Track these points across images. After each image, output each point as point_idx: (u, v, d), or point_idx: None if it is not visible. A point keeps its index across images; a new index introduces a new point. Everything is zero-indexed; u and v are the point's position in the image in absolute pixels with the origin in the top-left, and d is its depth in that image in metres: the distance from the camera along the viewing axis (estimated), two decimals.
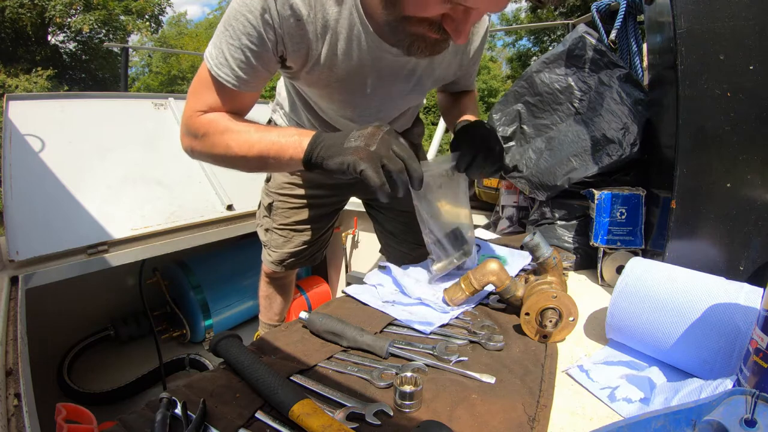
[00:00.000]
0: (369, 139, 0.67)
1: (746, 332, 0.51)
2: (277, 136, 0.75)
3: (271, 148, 0.74)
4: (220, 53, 0.74)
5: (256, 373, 0.54)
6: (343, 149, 0.67)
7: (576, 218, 1.04)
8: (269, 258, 1.31)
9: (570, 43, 1.09)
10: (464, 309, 0.76)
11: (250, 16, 0.69)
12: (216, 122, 0.79)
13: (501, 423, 0.49)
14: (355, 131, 0.69)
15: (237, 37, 0.71)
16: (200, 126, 0.80)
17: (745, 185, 0.69)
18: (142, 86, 18.96)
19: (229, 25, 0.72)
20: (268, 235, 1.30)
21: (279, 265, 1.30)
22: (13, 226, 1.38)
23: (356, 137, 0.68)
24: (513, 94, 1.19)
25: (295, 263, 1.32)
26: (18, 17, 11.55)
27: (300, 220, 1.24)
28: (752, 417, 0.35)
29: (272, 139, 0.75)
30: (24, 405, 0.72)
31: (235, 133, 0.77)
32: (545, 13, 12.82)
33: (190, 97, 0.82)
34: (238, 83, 0.75)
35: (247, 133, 0.77)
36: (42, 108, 1.73)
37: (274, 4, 0.68)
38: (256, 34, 0.71)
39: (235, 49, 0.72)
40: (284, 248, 1.28)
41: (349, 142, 0.68)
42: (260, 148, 0.75)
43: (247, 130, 0.77)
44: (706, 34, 0.69)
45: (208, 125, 0.79)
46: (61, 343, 1.85)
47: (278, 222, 1.25)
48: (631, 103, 0.98)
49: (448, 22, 0.64)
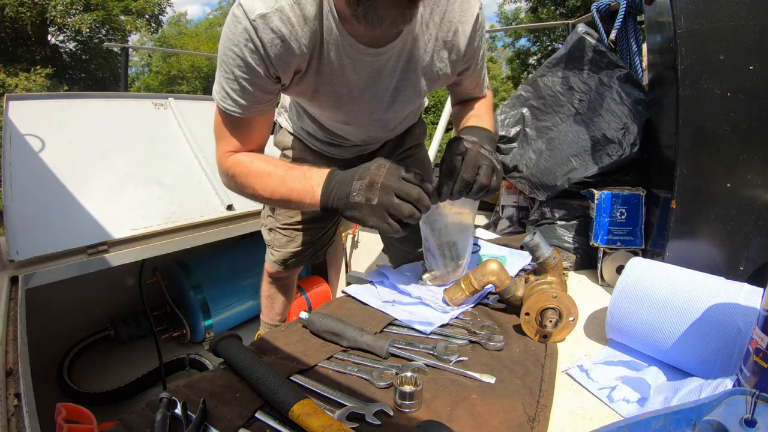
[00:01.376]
0: (369, 192, 0.69)
1: (746, 332, 0.51)
2: (294, 182, 0.79)
3: (291, 196, 0.79)
4: (221, 89, 0.79)
5: (256, 373, 0.54)
6: (351, 204, 0.71)
7: (576, 218, 1.04)
8: (272, 257, 1.32)
9: (571, 45, 1.09)
10: (464, 309, 0.76)
11: (235, 48, 0.72)
12: (240, 165, 0.84)
13: (501, 423, 0.49)
14: (357, 180, 0.71)
15: (230, 71, 0.75)
16: (228, 168, 0.85)
17: (745, 185, 0.69)
18: (142, 86, 18.96)
19: (222, 62, 0.76)
20: (271, 235, 1.31)
21: (282, 265, 1.31)
22: (13, 226, 1.38)
23: (358, 190, 0.71)
24: (519, 98, 1.20)
25: (297, 262, 1.33)
26: (18, 16, 11.55)
27: (302, 219, 1.24)
28: (752, 417, 0.35)
29: (291, 187, 0.79)
30: (24, 405, 0.72)
31: (257, 177, 0.82)
32: (545, 13, 12.84)
33: (216, 141, 0.88)
34: (243, 111, 0.79)
35: (268, 177, 0.81)
36: (42, 108, 1.73)
37: (254, 32, 0.71)
38: (244, 65, 0.74)
39: (232, 81, 0.77)
40: (287, 248, 1.29)
41: (354, 197, 0.71)
42: (282, 194, 0.80)
43: (268, 173, 0.82)
44: (706, 34, 0.69)
45: (234, 167, 0.84)
46: (61, 343, 1.85)
47: (281, 222, 1.26)
48: (631, 103, 0.98)
49: None
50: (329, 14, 0.74)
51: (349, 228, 2.33)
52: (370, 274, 0.89)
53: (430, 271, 0.85)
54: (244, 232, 1.86)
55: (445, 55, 0.88)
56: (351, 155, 1.14)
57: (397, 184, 0.69)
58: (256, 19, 0.70)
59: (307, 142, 1.15)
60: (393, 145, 1.23)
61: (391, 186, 0.69)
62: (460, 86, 1.00)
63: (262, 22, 0.70)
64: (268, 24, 0.70)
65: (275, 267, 1.33)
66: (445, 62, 0.89)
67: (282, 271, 1.33)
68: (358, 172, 0.72)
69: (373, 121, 0.98)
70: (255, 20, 0.70)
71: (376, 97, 0.90)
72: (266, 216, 1.31)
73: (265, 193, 0.82)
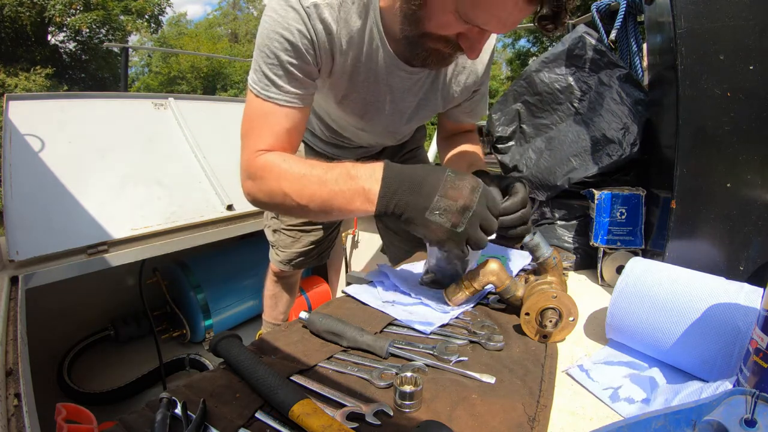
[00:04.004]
0: (457, 217, 0.63)
1: (746, 332, 0.51)
2: (337, 182, 0.69)
3: (335, 200, 0.69)
4: (263, 77, 0.74)
5: (256, 373, 0.54)
6: (428, 221, 0.64)
7: (576, 218, 1.04)
8: (277, 258, 1.33)
9: (570, 42, 1.09)
10: (464, 309, 0.76)
11: (285, 32, 0.71)
12: (270, 165, 0.75)
13: (501, 423, 0.49)
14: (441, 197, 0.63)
15: (275, 56, 0.72)
16: (257, 169, 0.76)
17: (745, 185, 0.69)
18: (142, 86, 18.97)
19: (264, 46, 0.72)
20: (276, 236, 1.31)
21: (287, 265, 1.32)
22: (13, 226, 1.38)
23: (442, 210, 0.63)
24: (512, 94, 1.19)
25: (303, 263, 1.33)
26: (17, 16, 11.55)
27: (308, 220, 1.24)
28: (752, 417, 0.35)
29: (333, 189, 0.69)
30: (24, 405, 0.72)
31: (291, 181, 0.72)
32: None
33: (244, 139, 0.79)
34: (288, 99, 0.75)
35: (304, 179, 0.71)
36: (42, 108, 1.73)
37: (308, 19, 0.70)
38: (293, 49, 0.72)
39: (276, 68, 0.73)
40: (292, 248, 1.29)
41: (434, 215, 0.63)
42: (322, 198, 0.70)
43: (302, 174, 0.71)
44: (706, 34, 0.69)
45: (263, 168, 0.75)
46: (61, 343, 1.85)
47: (286, 223, 1.26)
48: (631, 103, 0.98)
49: (464, 40, 0.68)
50: (374, 26, 0.75)
51: (349, 228, 2.33)
52: (370, 273, 0.89)
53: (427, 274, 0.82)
54: (244, 232, 1.87)
55: (463, 79, 0.93)
56: (354, 156, 1.15)
57: (485, 214, 0.65)
58: (310, 7, 0.70)
59: (310, 143, 1.16)
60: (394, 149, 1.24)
61: (481, 216, 0.64)
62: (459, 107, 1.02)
63: (315, 11, 0.70)
64: (320, 14, 0.71)
65: (280, 267, 1.33)
66: (461, 86, 0.94)
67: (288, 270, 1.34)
68: (443, 185, 0.64)
69: (388, 132, 1.00)
70: (309, 7, 0.70)
71: (399, 111, 0.92)
72: (270, 217, 1.31)
73: (301, 199, 0.71)
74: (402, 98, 0.89)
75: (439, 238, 0.65)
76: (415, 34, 0.69)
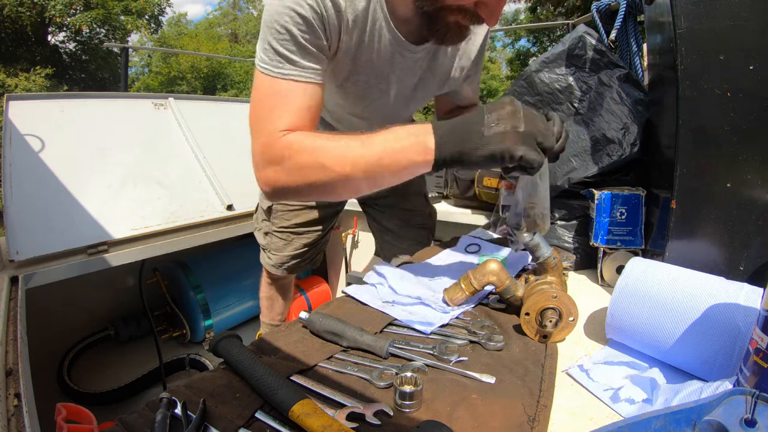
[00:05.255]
0: (512, 120, 0.61)
1: (746, 332, 0.51)
2: (385, 142, 0.65)
3: (384, 158, 0.65)
4: (274, 54, 0.70)
5: (256, 373, 0.54)
6: (487, 138, 0.61)
7: (576, 218, 1.04)
8: (269, 261, 1.31)
9: (570, 42, 1.09)
10: (464, 309, 0.76)
11: (296, 6, 0.69)
12: (299, 142, 0.68)
13: (501, 423, 0.49)
14: (486, 114, 0.62)
15: (286, 31, 0.69)
16: (281, 148, 0.69)
17: (745, 185, 0.69)
18: (142, 86, 18.97)
19: (273, 22, 0.70)
20: (267, 239, 1.29)
21: (279, 268, 1.30)
22: (13, 226, 1.38)
23: (494, 121, 0.62)
24: (512, 94, 1.19)
25: (295, 266, 1.31)
26: (18, 16, 11.55)
27: (301, 222, 1.24)
28: (752, 417, 0.35)
29: (381, 149, 0.65)
30: (24, 405, 0.72)
31: (328, 149, 0.67)
32: (544, 12, 12.83)
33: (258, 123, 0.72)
34: (307, 73, 0.72)
35: (345, 146, 0.66)
36: (42, 108, 1.73)
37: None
38: (305, 24, 0.70)
39: (288, 43, 0.70)
40: (284, 251, 1.27)
41: (490, 129, 0.61)
42: (368, 161, 0.65)
43: (344, 144, 0.67)
44: (706, 34, 0.69)
45: (290, 147, 0.68)
46: (61, 343, 1.85)
47: (278, 225, 1.25)
48: (631, 103, 0.98)
49: (482, 8, 0.69)
50: (378, 5, 0.76)
51: (349, 228, 2.33)
52: (368, 275, 0.88)
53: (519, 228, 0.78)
54: (244, 232, 1.87)
55: (457, 60, 0.96)
56: None
57: (533, 114, 0.63)
58: None
59: None
60: None
61: (533, 114, 0.63)
62: (459, 93, 1.06)
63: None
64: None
65: (273, 270, 1.32)
66: (456, 67, 0.96)
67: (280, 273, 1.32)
68: (485, 109, 0.63)
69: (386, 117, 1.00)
70: None
71: (400, 93, 0.93)
72: (261, 220, 1.30)
73: (344, 167, 0.65)
74: (403, 78, 0.89)
75: (512, 145, 0.61)
76: (434, 8, 0.70)
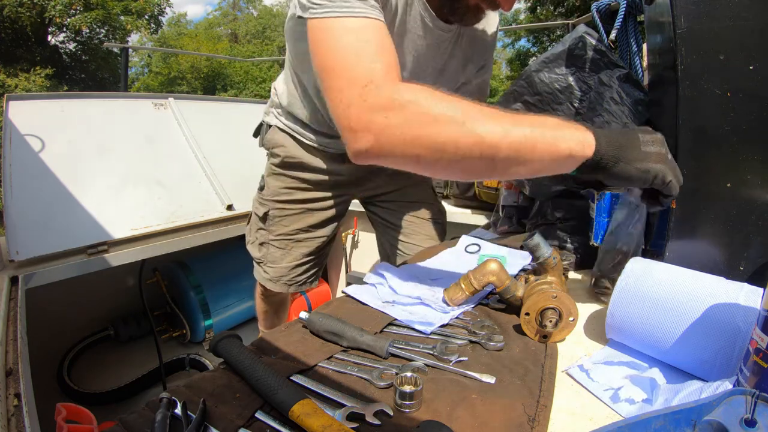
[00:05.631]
0: (663, 146, 0.62)
1: (746, 332, 0.51)
2: (539, 124, 0.58)
3: (539, 139, 0.56)
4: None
5: (256, 373, 0.54)
6: (645, 154, 0.59)
7: (576, 218, 1.04)
8: (266, 275, 1.22)
9: (570, 42, 1.09)
10: (464, 309, 0.76)
11: None
12: (424, 89, 0.57)
13: (501, 423, 0.49)
14: (642, 134, 0.62)
15: None
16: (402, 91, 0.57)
17: (745, 185, 0.69)
18: (142, 87, 18.97)
19: None
20: (263, 250, 1.21)
21: (277, 283, 1.21)
22: (13, 226, 1.38)
23: (649, 142, 0.61)
24: (512, 94, 1.19)
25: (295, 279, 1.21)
26: (17, 17, 11.55)
27: (301, 227, 1.17)
28: (752, 417, 0.35)
29: (538, 130, 0.57)
30: (24, 405, 0.72)
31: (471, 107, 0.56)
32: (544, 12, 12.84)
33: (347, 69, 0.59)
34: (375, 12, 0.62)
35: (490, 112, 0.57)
36: (42, 108, 1.73)
37: None
38: None
39: None
40: (282, 262, 1.19)
41: (647, 146, 0.60)
42: (523, 134, 0.55)
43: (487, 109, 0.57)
44: (706, 34, 0.69)
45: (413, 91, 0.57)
46: (61, 343, 1.85)
47: (276, 233, 1.17)
48: (631, 103, 0.98)
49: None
50: None
51: (349, 228, 2.33)
52: (368, 275, 0.88)
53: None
54: (244, 232, 1.86)
55: (476, 47, 1.00)
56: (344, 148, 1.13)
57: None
58: None
59: (300, 136, 1.10)
60: None
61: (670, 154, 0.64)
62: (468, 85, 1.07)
63: None
64: None
65: (269, 285, 1.23)
66: (473, 54, 1.00)
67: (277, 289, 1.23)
68: (636, 130, 0.63)
69: None
70: None
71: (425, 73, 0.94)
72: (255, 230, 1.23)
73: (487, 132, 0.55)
74: (432, 57, 0.90)
75: (661, 168, 0.60)
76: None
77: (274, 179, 1.17)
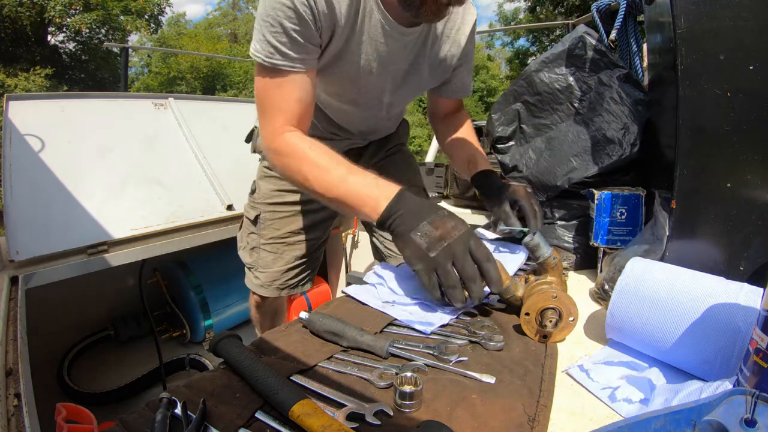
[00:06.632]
0: (434, 243, 0.68)
1: (746, 332, 0.51)
2: (356, 185, 0.76)
3: (349, 198, 0.76)
4: (267, 44, 0.78)
5: (256, 373, 0.54)
6: (409, 240, 0.69)
7: (576, 218, 1.04)
8: (257, 281, 1.21)
9: (570, 42, 1.09)
10: (464, 309, 0.76)
11: (288, 2, 0.74)
12: (295, 147, 0.81)
13: (501, 423, 0.49)
14: (430, 221, 0.69)
15: (278, 23, 0.76)
16: (280, 147, 0.82)
17: (745, 185, 0.69)
18: (142, 87, 18.96)
19: (267, 16, 0.76)
20: (255, 255, 1.21)
21: (269, 288, 1.20)
22: (13, 226, 1.38)
23: (425, 232, 0.69)
24: (512, 94, 1.19)
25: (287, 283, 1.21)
26: (17, 16, 11.54)
27: (292, 230, 1.17)
28: (752, 417, 0.35)
29: (352, 189, 0.76)
30: (24, 405, 0.72)
31: (314, 167, 0.79)
32: (544, 12, 12.82)
33: (262, 113, 0.84)
34: (294, 63, 0.79)
35: (326, 172, 0.78)
36: (42, 108, 1.73)
37: None
38: (296, 16, 0.75)
39: (280, 35, 0.76)
40: (274, 266, 1.18)
41: (416, 235, 0.69)
42: (338, 193, 0.77)
43: (326, 168, 0.78)
44: (706, 34, 0.69)
45: (287, 148, 0.81)
46: (61, 343, 1.85)
47: (267, 236, 1.17)
48: (631, 103, 0.98)
49: None
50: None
51: (349, 228, 2.33)
52: (368, 275, 0.88)
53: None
54: None
55: (447, 48, 0.99)
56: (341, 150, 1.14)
57: (462, 255, 0.67)
58: None
59: None
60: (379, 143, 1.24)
61: (455, 253, 0.66)
62: (449, 84, 1.10)
63: None
64: None
65: (261, 291, 1.22)
66: (445, 54, 1.00)
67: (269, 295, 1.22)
68: (432, 215, 0.70)
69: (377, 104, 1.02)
70: None
71: (391, 76, 0.96)
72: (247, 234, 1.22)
73: (318, 188, 0.79)
74: (394, 61, 0.92)
75: (413, 256, 0.69)
76: None
77: (265, 182, 1.18)
